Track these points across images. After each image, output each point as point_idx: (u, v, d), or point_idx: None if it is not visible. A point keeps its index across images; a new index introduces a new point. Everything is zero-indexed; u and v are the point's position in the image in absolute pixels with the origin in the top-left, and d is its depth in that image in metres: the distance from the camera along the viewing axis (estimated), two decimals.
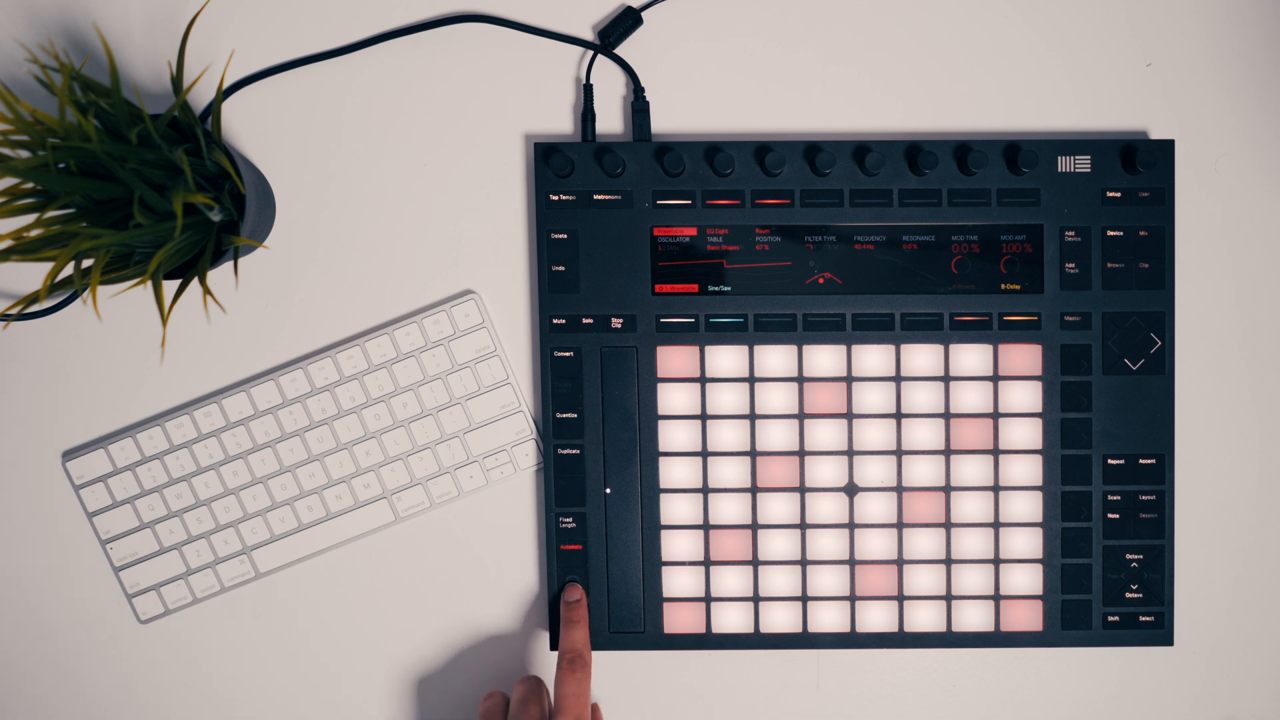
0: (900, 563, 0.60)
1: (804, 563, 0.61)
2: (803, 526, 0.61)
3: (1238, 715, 0.63)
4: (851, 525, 0.61)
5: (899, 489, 0.60)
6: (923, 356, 0.60)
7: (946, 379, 0.60)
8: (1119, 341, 0.60)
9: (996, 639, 0.61)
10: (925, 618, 0.61)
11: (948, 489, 0.61)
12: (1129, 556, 0.60)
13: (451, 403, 0.62)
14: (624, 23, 0.61)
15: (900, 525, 0.61)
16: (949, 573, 0.61)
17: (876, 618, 0.60)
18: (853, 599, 0.61)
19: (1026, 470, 0.60)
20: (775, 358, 0.60)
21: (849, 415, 0.60)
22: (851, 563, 0.61)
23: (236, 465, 0.62)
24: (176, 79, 0.52)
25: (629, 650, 0.62)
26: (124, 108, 0.51)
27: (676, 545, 0.61)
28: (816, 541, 0.61)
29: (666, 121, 0.62)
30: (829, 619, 0.61)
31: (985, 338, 0.60)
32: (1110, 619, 0.61)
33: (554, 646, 0.61)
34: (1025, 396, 0.60)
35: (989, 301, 0.60)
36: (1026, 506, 0.60)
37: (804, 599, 0.61)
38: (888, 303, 0.60)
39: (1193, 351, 0.62)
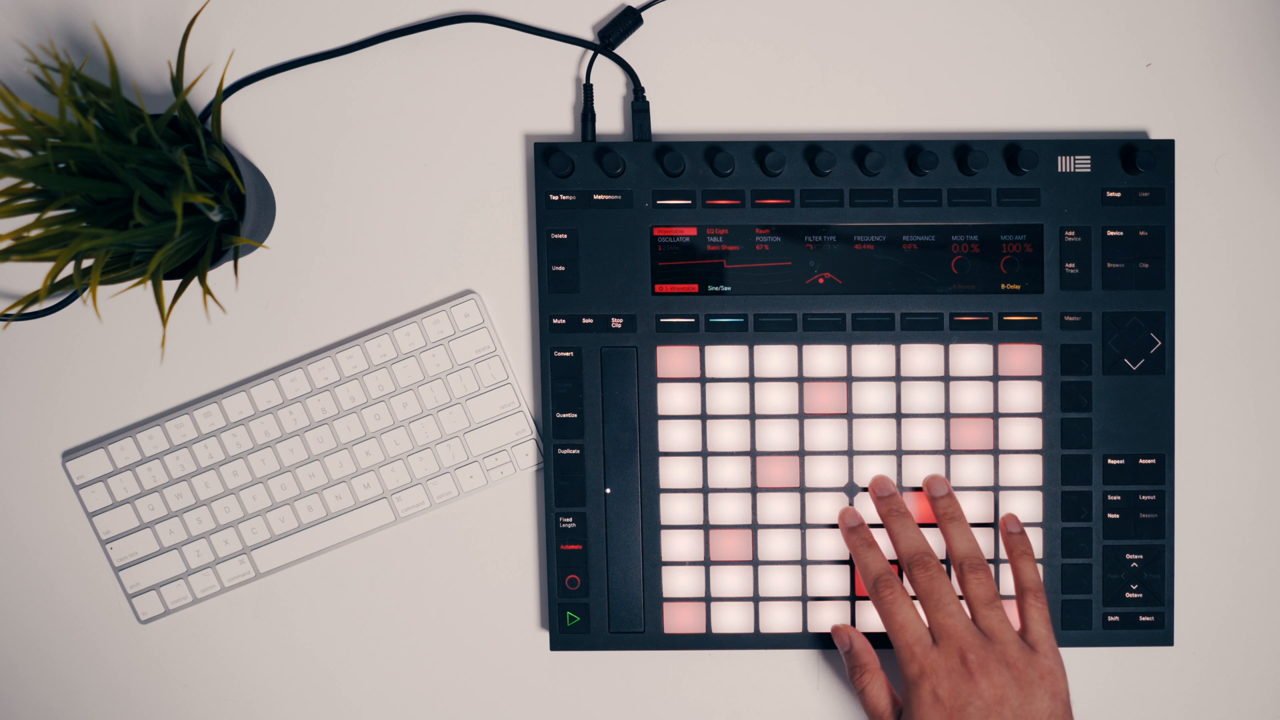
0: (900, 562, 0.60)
1: (804, 563, 0.61)
2: (803, 526, 0.61)
3: None
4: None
5: (899, 489, 0.60)
6: (923, 356, 0.60)
7: (946, 379, 0.60)
8: (1119, 341, 0.60)
9: None
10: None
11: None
12: (1129, 556, 0.60)
13: (451, 403, 0.62)
14: (624, 23, 0.61)
15: None
16: (949, 573, 0.60)
17: (877, 618, 0.60)
18: (853, 599, 0.61)
19: (1026, 470, 0.60)
20: (775, 358, 0.60)
21: (849, 415, 0.60)
22: (851, 563, 0.61)
23: (236, 465, 0.62)
24: (176, 79, 0.52)
25: (629, 650, 0.62)
26: (124, 108, 0.51)
27: (676, 545, 0.61)
28: (816, 541, 0.61)
29: (666, 121, 0.62)
30: (829, 619, 0.61)
31: (985, 338, 0.60)
32: (1110, 619, 0.61)
33: (554, 646, 0.61)
34: (1025, 396, 0.60)
35: (989, 301, 0.60)
36: (1026, 506, 0.60)
37: (804, 599, 0.61)
38: (888, 303, 0.60)
39: (1193, 351, 0.62)
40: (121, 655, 0.63)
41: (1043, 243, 0.60)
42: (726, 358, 0.60)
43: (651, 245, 0.60)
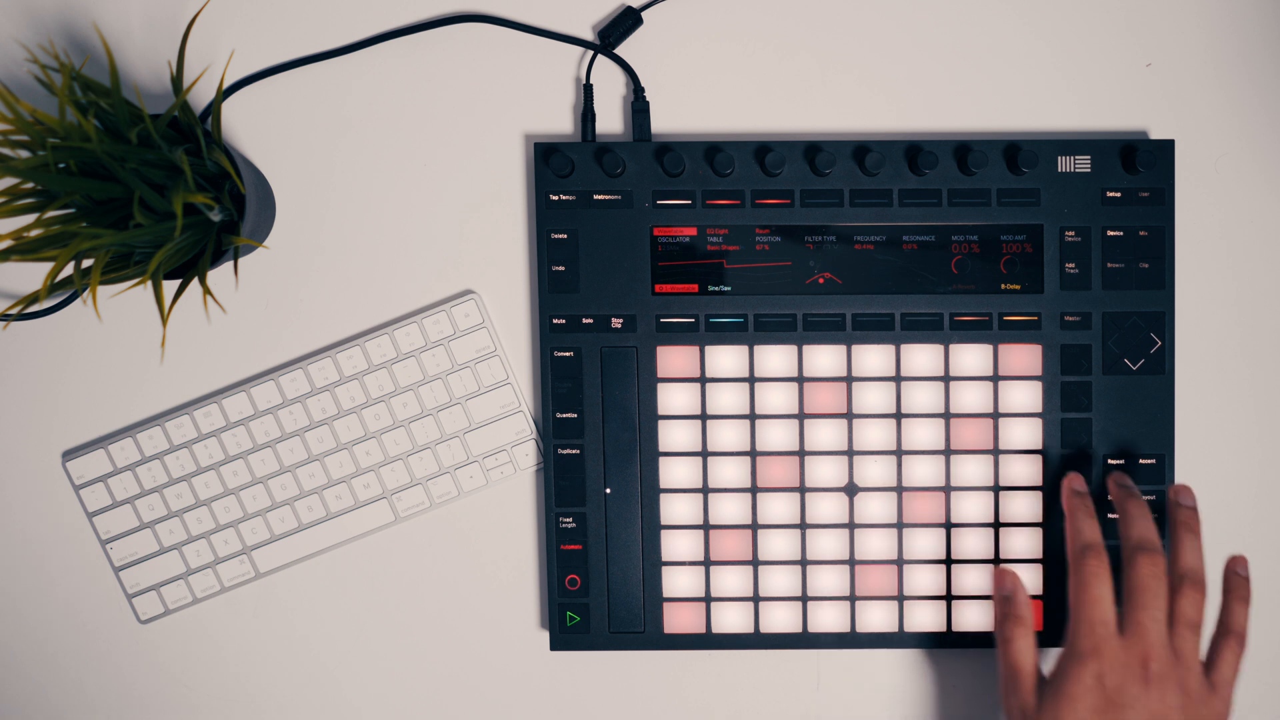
0: (900, 563, 0.60)
1: (804, 563, 0.61)
2: (803, 526, 0.61)
3: None
4: (851, 525, 0.61)
5: (899, 489, 0.60)
6: (923, 356, 0.60)
7: (946, 379, 0.60)
8: (1119, 341, 0.60)
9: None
10: (925, 618, 0.61)
11: (948, 489, 0.60)
12: None
13: (451, 403, 0.62)
14: (624, 23, 0.61)
15: (900, 525, 0.61)
16: (949, 573, 0.61)
17: (876, 618, 0.60)
18: (853, 599, 0.61)
19: (1026, 470, 0.60)
20: (775, 358, 0.60)
21: (849, 415, 0.60)
22: (851, 563, 0.61)
23: (236, 465, 0.62)
24: (176, 79, 0.52)
25: (629, 650, 0.62)
26: (124, 108, 0.51)
27: (676, 545, 0.61)
28: (816, 541, 0.61)
29: (666, 121, 0.62)
30: (829, 619, 0.61)
31: (985, 338, 0.60)
32: None
33: (554, 646, 0.61)
34: (1025, 396, 0.60)
35: (989, 301, 0.60)
36: (1026, 506, 0.60)
37: (804, 599, 0.61)
38: (888, 303, 0.60)
39: (1193, 351, 0.62)
40: (122, 655, 0.63)
41: (1043, 243, 0.60)
42: (726, 358, 0.60)
43: (651, 245, 0.60)
